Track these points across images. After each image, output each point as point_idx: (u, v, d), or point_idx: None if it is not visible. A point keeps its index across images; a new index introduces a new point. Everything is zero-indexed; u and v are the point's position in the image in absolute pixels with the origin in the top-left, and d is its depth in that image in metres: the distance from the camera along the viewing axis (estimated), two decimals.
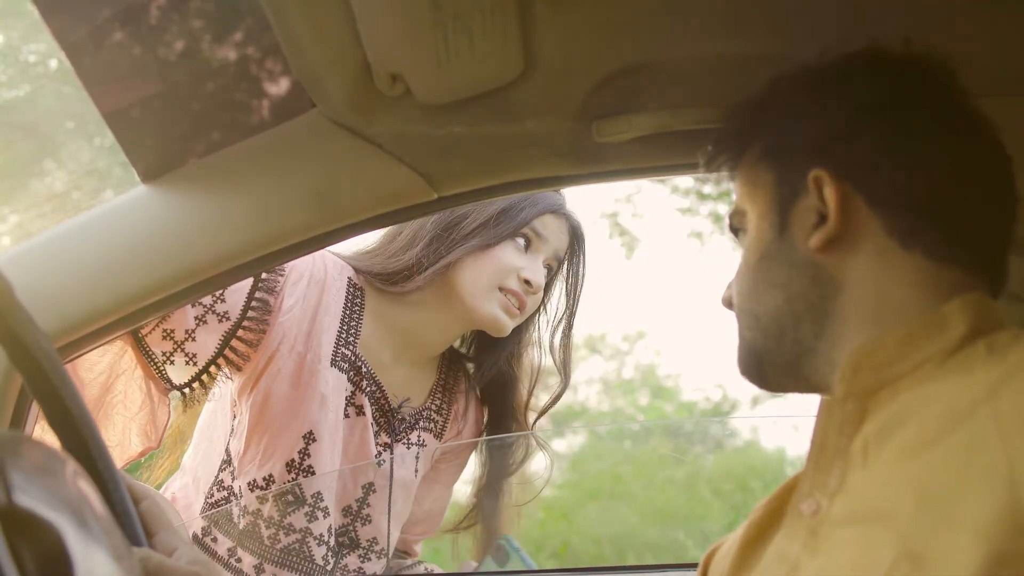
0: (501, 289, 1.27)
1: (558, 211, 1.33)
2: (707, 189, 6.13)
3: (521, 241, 1.29)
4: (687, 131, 0.92)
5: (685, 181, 6.08)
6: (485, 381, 1.45)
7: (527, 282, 1.28)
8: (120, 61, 0.88)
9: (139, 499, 0.75)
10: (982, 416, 0.58)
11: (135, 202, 0.96)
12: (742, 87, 0.81)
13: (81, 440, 0.65)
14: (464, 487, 1.47)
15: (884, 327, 0.67)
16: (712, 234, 6.28)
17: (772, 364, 0.74)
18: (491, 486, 1.41)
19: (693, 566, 0.90)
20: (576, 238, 1.36)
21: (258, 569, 1.26)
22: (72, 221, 0.96)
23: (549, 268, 1.33)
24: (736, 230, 0.79)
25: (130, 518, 0.69)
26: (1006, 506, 0.54)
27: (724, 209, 6.20)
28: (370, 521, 1.33)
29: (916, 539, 0.56)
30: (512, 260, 1.28)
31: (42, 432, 1.00)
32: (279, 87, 0.93)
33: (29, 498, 0.41)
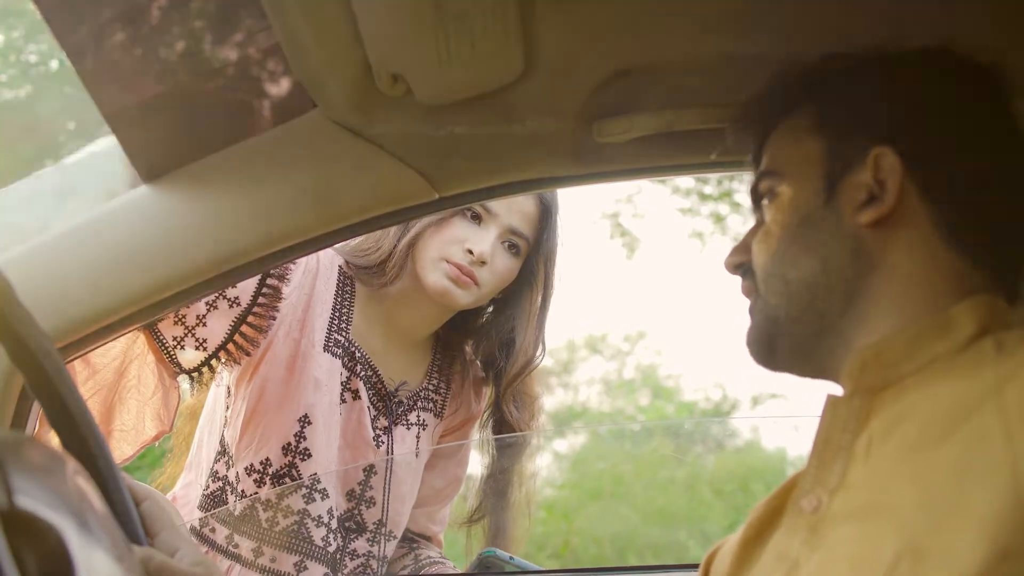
0: (447, 261, 1.27)
1: None
2: (708, 190, 6.13)
3: (470, 214, 1.29)
4: (688, 131, 0.92)
5: (686, 181, 6.09)
6: (482, 358, 1.45)
7: (470, 252, 1.27)
8: (121, 62, 0.88)
9: (140, 499, 0.75)
10: (987, 412, 0.58)
11: (135, 202, 0.96)
12: (743, 87, 0.81)
13: (81, 440, 0.65)
14: (471, 481, 1.47)
15: (908, 315, 0.68)
16: (713, 234, 6.28)
17: (788, 336, 0.74)
18: (498, 480, 1.41)
19: (694, 567, 0.90)
20: (544, 210, 1.33)
21: (256, 552, 1.27)
22: (72, 221, 0.96)
23: (512, 244, 1.31)
24: (761, 195, 0.78)
25: (131, 518, 0.68)
26: (1010, 501, 0.54)
27: (725, 209, 6.20)
28: (374, 503, 1.35)
29: (919, 534, 0.56)
30: (457, 232, 1.28)
31: (43, 432, 1.00)
32: (280, 87, 0.93)
33: (30, 500, 0.41)
